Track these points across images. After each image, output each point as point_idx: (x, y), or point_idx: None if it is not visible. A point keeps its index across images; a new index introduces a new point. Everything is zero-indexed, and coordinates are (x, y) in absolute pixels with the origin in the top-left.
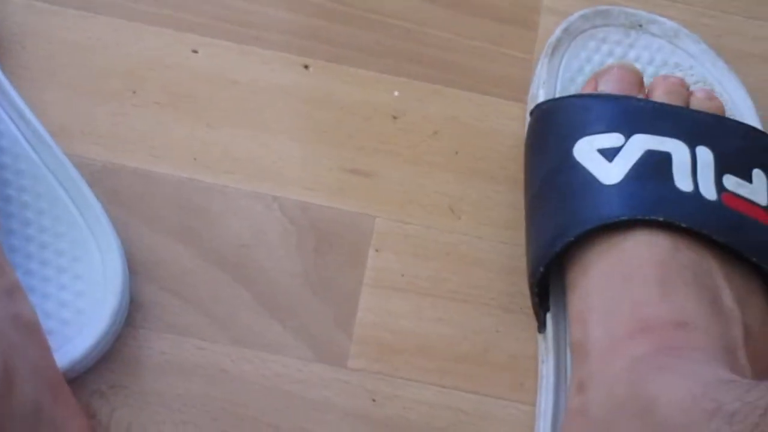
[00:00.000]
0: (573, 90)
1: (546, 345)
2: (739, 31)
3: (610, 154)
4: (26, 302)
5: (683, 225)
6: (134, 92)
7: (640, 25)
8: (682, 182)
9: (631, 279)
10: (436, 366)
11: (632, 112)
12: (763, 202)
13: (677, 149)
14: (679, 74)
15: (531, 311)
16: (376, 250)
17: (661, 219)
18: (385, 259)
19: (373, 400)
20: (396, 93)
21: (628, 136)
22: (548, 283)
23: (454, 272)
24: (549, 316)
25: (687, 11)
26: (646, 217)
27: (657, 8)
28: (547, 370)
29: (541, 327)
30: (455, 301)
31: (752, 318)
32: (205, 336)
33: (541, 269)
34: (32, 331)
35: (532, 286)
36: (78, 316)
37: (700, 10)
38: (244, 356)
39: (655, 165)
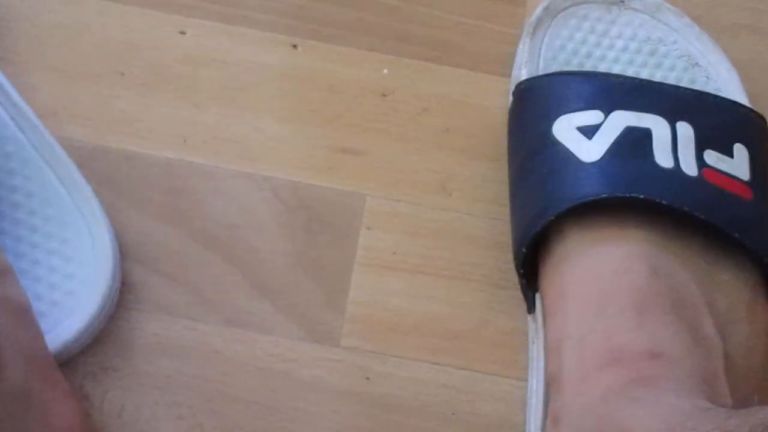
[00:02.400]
0: (555, 68)
1: (536, 325)
2: (729, 2)
3: (589, 131)
4: (16, 285)
5: (663, 202)
6: (122, 74)
7: (622, 1)
8: (663, 159)
9: (607, 306)
10: (429, 343)
11: (611, 88)
12: (744, 177)
13: (657, 125)
14: (663, 49)
15: None
16: (368, 229)
17: (641, 197)
18: (376, 238)
19: (367, 379)
20: (385, 71)
21: (607, 113)
22: (536, 263)
23: (446, 249)
24: (538, 297)
25: None
26: (626, 195)
27: None
28: (537, 350)
29: (531, 308)
30: (447, 278)
31: (734, 346)
32: (197, 317)
33: (524, 250)
34: (22, 315)
35: (517, 268)
36: (69, 298)
37: None
38: (236, 336)
39: (635, 142)
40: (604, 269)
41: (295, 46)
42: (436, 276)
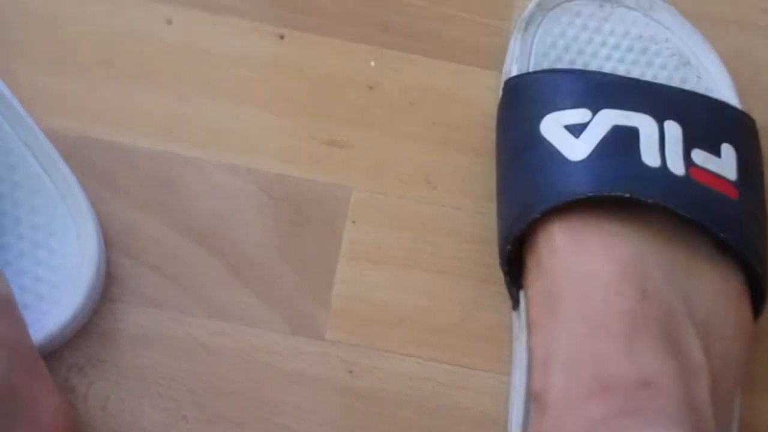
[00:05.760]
0: (546, 65)
1: (519, 323)
2: None
3: (576, 130)
4: (0, 278)
5: (649, 201)
6: (107, 64)
7: None
8: (649, 157)
9: (596, 329)
10: (413, 338)
11: (599, 86)
12: (731, 177)
13: (645, 124)
14: (654, 47)
15: None
16: (353, 222)
17: (627, 195)
18: (361, 231)
19: (351, 372)
20: (372, 63)
21: (595, 112)
22: (521, 260)
23: (431, 243)
24: (522, 294)
25: None
26: (612, 194)
27: None
28: (520, 347)
29: (516, 304)
30: (432, 272)
31: (719, 363)
32: (182, 309)
33: (508, 247)
34: (5, 308)
35: (502, 265)
36: (54, 290)
37: None
38: (221, 329)
39: (622, 140)
40: (594, 288)
41: (282, 37)
42: (421, 270)
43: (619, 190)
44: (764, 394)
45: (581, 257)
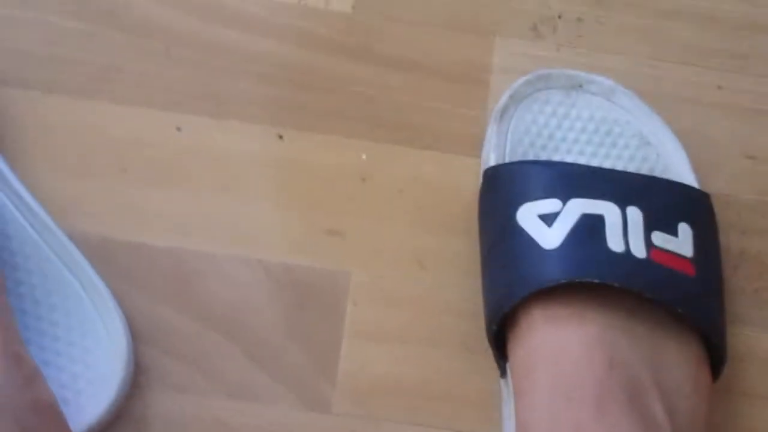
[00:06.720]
0: (521, 150)
1: (507, 389)
2: (673, 77)
3: (549, 219)
4: (45, 387)
5: (616, 284)
6: (125, 170)
7: (580, 85)
8: (614, 243)
9: (570, 397)
10: (411, 406)
11: (568, 177)
12: (688, 254)
13: (609, 211)
14: (617, 129)
15: None
16: (354, 304)
17: (596, 281)
18: (362, 311)
19: None
20: (364, 156)
21: (564, 201)
22: (506, 334)
23: (424, 319)
24: (508, 365)
25: (626, 61)
26: (583, 280)
27: (599, 60)
28: (508, 411)
29: (503, 373)
30: (427, 346)
31: (680, 422)
32: (204, 392)
33: (494, 327)
34: (51, 413)
35: (489, 341)
36: (90, 385)
37: (640, 60)
38: (239, 409)
39: (590, 228)
40: (566, 359)
41: (281, 137)
42: (416, 344)
43: (588, 276)
44: None
45: (556, 332)
